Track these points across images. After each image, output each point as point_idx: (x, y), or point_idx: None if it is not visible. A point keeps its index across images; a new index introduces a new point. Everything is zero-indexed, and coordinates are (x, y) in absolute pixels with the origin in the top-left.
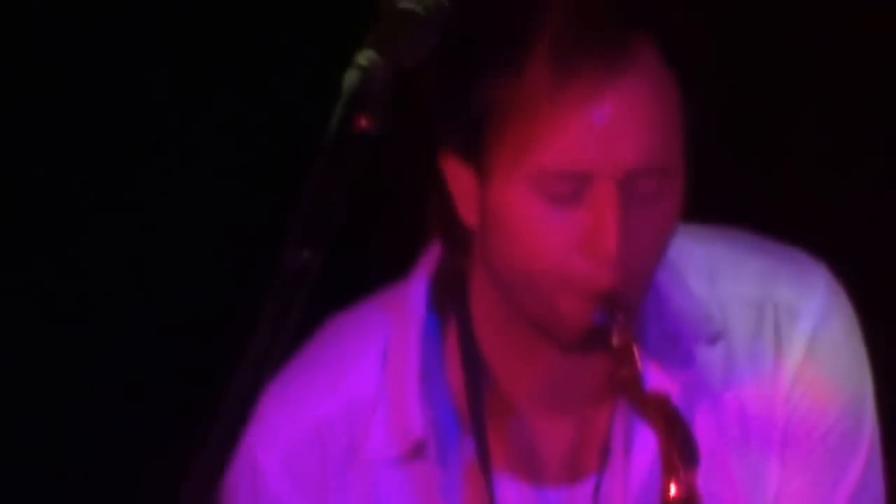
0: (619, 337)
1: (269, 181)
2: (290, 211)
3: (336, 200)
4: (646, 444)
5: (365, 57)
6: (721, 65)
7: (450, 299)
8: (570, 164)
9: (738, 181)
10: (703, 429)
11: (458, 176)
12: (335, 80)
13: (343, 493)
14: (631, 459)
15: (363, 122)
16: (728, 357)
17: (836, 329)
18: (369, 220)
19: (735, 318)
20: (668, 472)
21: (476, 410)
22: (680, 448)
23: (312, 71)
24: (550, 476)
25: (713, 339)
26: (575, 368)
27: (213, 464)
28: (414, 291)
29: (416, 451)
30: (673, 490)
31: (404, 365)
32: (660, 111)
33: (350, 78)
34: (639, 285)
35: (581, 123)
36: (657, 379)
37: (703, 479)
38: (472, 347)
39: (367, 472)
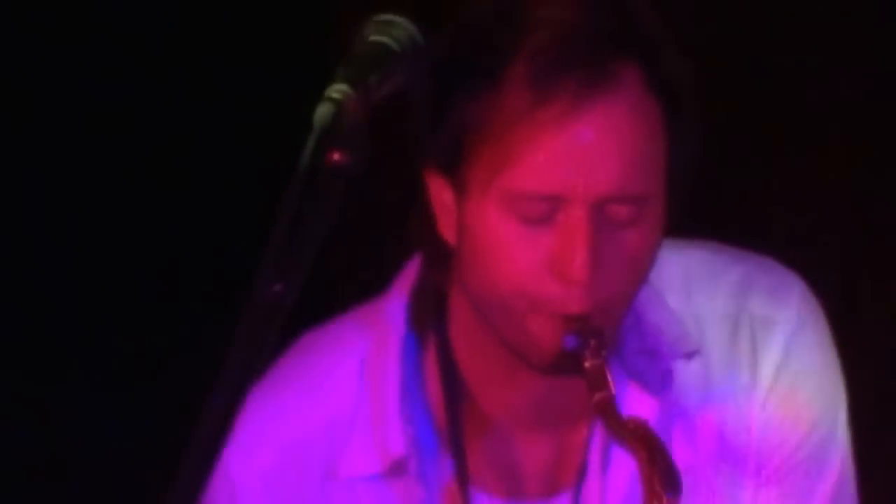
0: (592, 361)
1: (242, 215)
2: (263, 245)
3: (309, 234)
4: (623, 462)
5: (337, 90)
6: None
7: (429, 316)
8: (542, 186)
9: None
10: (680, 449)
11: (439, 192)
12: (307, 114)
13: None
14: (608, 477)
15: (335, 156)
16: (705, 372)
17: (811, 339)
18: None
19: (711, 332)
20: (650, 499)
21: (455, 428)
22: (662, 475)
23: (284, 104)
24: (528, 492)
25: (691, 355)
26: (553, 388)
27: (187, 493)
28: (392, 307)
29: (397, 469)
30: None
31: (384, 381)
32: (639, 137)
33: (321, 111)
34: (612, 310)
35: (556, 145)
36: (636, 398)
37: (682, 500)
38: (451, 366)
39: (346, 490)
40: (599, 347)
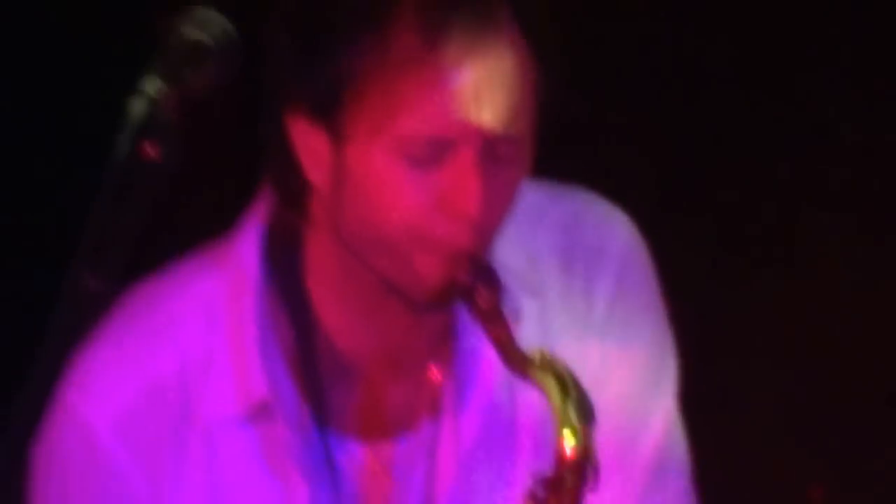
0: (486, 297)
1: (54, 211)
2: (77, 240)
3: (125, 227)
4: (477, 401)
5: (150, 85)
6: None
7: (283, 258)
8: (435, 130)
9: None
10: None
11: (308, 138)
12: (120, 108)
13: (181, 454)
14: (462, 416)
15: (150, 151)
16: (545, 307)
17: (641, 268)
18: None
19: (546, 266)
20: (564, 430)
21: (310, 371)
22: (577, 405)
23: (97, 98)
24: (385, 434)
25: (534, 293)
26: (412, 328)
27: None
28: (245, 248)
29: (261, 412)
30: (570, 450)
31: (241, 324)
32: (521, 77)
33: (135, 106)
34: (489, 247)
35: (448, 89)
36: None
37: (532, 441)
38: (305, 308)
39: (206, 433)
40: (492, 283)
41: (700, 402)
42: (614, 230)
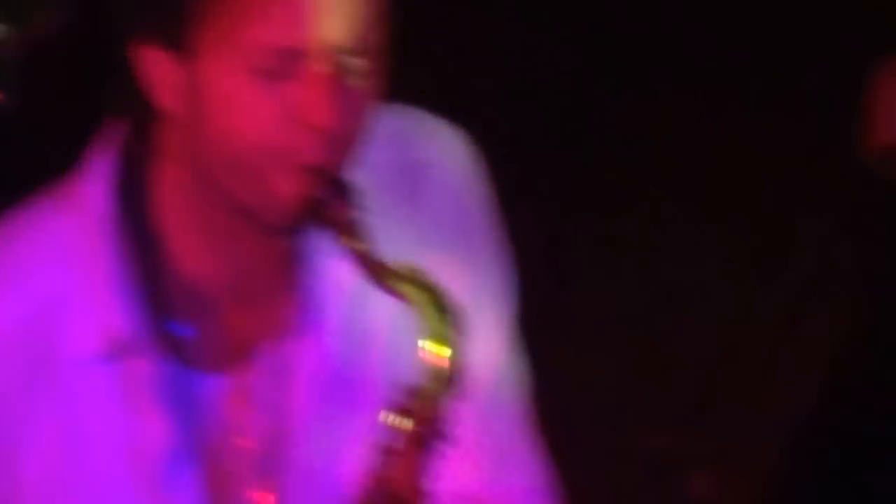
0: (344, 211)
1: None
2: None
3: None
4: (329, 320)
5: None
6: None
7: (134, 192)
8: (283, 41)
9: None
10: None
11: (158, 64)
12: None
13: (40, 399)
14: (315, 337)
15: None
16: (379, 226)
17: (474, 186)
18: None
19: (379, 184)
20: (432, 340)
21: (165, 305)
22: (445, 315)
23: None
24: (242, 360)
25: (369, 209)
26: (263, 254)
27: None
28: (93, 185)
29: (119, 349)
30: (435, 360)
31: (94, 262)
32: None
33: None
34: (346, 160)
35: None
36: (333, 251)
37: (387, 357)
38: (158, 242)
39: (65, 375)
40: (349, 197)
41: (542, 344)
42: (448, 146)
